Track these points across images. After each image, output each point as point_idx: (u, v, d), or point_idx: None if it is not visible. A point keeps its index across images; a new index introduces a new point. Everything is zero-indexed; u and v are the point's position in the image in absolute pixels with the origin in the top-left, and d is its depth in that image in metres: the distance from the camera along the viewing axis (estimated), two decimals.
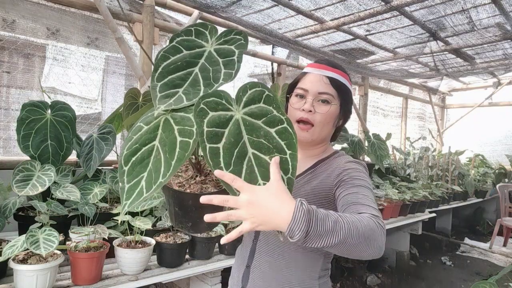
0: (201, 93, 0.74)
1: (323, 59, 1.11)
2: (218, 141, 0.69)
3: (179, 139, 0.70)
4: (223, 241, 0.72)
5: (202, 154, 0.70)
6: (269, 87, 1.75)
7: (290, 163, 0.71)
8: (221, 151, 0.68)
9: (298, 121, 1.03)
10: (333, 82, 1.04)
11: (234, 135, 0.70)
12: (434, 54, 3.68)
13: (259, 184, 0.68)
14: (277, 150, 0.71)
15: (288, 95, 1.11)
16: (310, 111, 1.01)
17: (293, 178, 0.71)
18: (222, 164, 0.68)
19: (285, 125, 0.72)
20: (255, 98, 0.73)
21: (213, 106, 0.71)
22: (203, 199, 0.69)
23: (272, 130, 0.72)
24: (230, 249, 2.01)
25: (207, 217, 0.69)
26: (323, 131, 1.05)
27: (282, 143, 0.71)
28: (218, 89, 0.75)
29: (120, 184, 0.71)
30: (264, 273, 1.04)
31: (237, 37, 0.82)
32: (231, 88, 4.59)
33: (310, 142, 1.05)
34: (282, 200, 0.68)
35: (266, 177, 0.69)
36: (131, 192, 0.69)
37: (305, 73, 1.08)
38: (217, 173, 0.68)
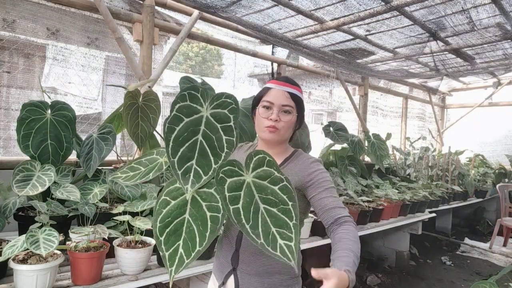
0: (213, 164, 0.89)
1: (283, 77, 1.39)
2: (238, 202, 0.87)
3: (208, 214, 0.87)
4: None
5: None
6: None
7: (293, 212, 0.89)
8: (241, 210, 0.86)
9: (267, 127, 1.28)
10: (292, 96, 1.30)
11: (248, 195, 0.88)
12: (434, 54, 3.68)
13: (273, 232, 0.88)
14: (282, 203, 0.89)
15: (255, 107, 1.36)
16: (276, 120, 1.26)
17: (297, 223, 0.89)
18: (244, 221, 0.85)
19: (285, 182, 0.91)
20: (260, 163, 0.92)
21: (229, 174, 0.89)
22: (314, 273, 0.92)
23: (276, 188, 0.90)
24: None
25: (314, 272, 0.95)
26: (286, 134, 1.32)
27: (285, 197, 0.90)
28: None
29: (161, 253, 0.86)
30: (253, 254, 1.24)
31: (228, 100, 0.94)
32: (230, 88, 4.59)
33: (277, 141, 1.32)
34: (342, 279, 0.96)
35: (276, 224, 0.87)
36: (172, 259, 0.85)
37: (269, 88, 1.33)
38: (313, 273, 0.92)
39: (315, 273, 0.94)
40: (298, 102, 1.33)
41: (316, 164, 1.30)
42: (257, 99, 1.36)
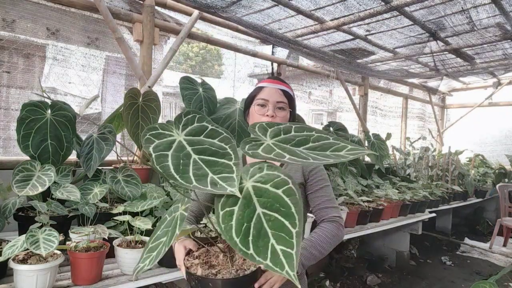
0: (230, 163, 0.82)
1: (274, 76, 1.51)
2: (284, 156, 0.80)
3: (279, 191, 0.79)
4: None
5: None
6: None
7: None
8: (293, 155, 0.79)
9: None
10: (285, 93, 1.38)
11: (284, 149, 0.83)
12: (434, 54, 3.68)
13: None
14: (308, 137, 0.86)
15: (248, 107, 1.41)
16: (273, 116, 1.33)
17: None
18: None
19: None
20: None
21: (255, 147, 0.84)
22: (256, 285, 1.00)
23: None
24: None
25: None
26: None
27: (318, 134, 0.87)
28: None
29: (262, 266, 0.73)
30: None
31: (189, 116, 0.89)
32: (230, 88, 4.59)
33: None
34: None
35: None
36: (278, 262, 0.70)
37: (261, 87, 1.39)
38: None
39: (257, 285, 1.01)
40: (290, 99, 1.40)
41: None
42: (250, 99, 1.42)
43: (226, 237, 0.72)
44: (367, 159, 4.59)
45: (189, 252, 1.06)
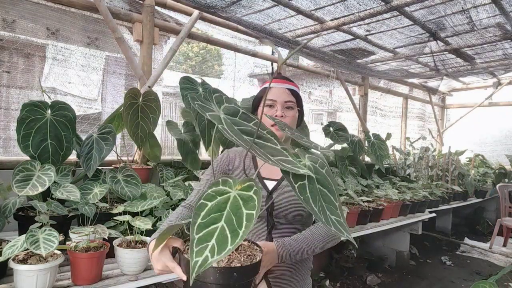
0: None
1: (279, 76, 1.41)
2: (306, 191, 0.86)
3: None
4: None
5: None
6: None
7: (336, 193, 0.92)
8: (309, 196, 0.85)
9: (273, 125, 1.29)
10: (293, 92, 1.35)
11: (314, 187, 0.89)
12: (434, 54, 3.68)
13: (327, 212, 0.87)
14: (329, 184, 0.91)
15: (256, 108, 1.38)
16: (282, 116, 1.30)
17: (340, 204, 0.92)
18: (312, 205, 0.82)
19: (326, 167, 0.95)
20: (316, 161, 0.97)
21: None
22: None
23: (323, 171, 0.93)
24: None
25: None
26: None
27: (329, 179, 0.93)
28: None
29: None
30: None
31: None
32: (231, 89, 4.59)
33: (284, 138, 1.36)
34: (270, 249, 1.11)
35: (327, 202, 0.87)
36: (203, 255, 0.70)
37: (269, 88, 1.32)
38: None
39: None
40: (298, 98, 1.37)
41: None
42: (257, 100, 1.39)
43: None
44: (367, 159, 4.59)
45: (176, 252, 0.96)
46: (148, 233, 1.77)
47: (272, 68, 3.87)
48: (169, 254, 0.95)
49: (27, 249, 1.37)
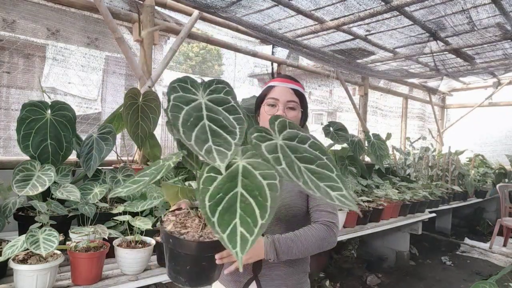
0: (231, 140, 0.84)
1: (284, 75, 1.39)
2: (280, 163, 0.82)
3: (264, 182, 0.79)
4: (226, 272, 1.08)
5: None
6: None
7: (330, 164, 0.86)
8: (287, 170, 0.81)
9: None
10: (296, 92, 1.32)
11: (286, 156, 0.84)
12: (434, 54, 3.68)
13: (322, 186, 0.82)
14: (317, 158, 0.86)
15: (259, 106, 1.35)
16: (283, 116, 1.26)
17: (339, 174, 0.85)
18: (295, 179, 0.79)
19: (311, 140, 0.89)
20: (282, 126, 0.91)
21: (260, 139, 0.86)
22: (217, 256, 0.96)
23: (306, 146, 0.88)
24: None
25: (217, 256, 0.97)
26: None
27: (317, 152, 0.88)
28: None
29: (217, 235, 0.75)
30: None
31: (220, 85, 0.93)
32: None
33: None
34: (258, 242, 1.12)
35: (322, 180, 0.83)
36: (233, 239, 0.73)
37: (272, 87, 1.33)
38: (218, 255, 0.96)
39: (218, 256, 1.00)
40: (302, 98, 1.34)
41: None
42: (260, 98, 1.36)
43: (199, 197, 0.76)
44: (367, 159, 4.59)
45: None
46: (148, 233, 1.77)
47: (272, 68, 3.87)
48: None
49: (27, 249, 1.37)
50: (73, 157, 2.13)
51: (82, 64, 2.96)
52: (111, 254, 1.68)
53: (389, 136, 4.28)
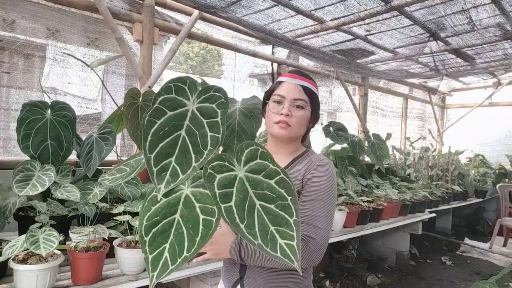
0: (193, 162, 0.81)
1: (296, 70, 1.27)
2: (230, 200, 0.78)
3: (201, 217, 0.79)
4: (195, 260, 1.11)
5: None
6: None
7: (293, 207, 0.80)
8: (234, 208, 0.77)
9: (277, 122, 1.18)
10: (306, 90, 1.20)
11: (242, 191, 0.79)
12: (434, 54, 3.68)
13: (271, 230, 0.78)
14: (279, 198, 0.80)
15: (266, 101, 1.26)
16: (288, 115, 1.17)
17: (299, 220, 0.79)
18: (238, 220, 0.76)
19: (281, 175, 0.82)
20: (252, 156, 0.83)
21: (218, 169, 0.80)
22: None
23: (272, 182, 0.81)
24: None
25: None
26: (298, 131, 1.22)
27: (283, 191, 0.81)
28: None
29: (144, 254, 0.78)
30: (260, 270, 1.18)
31: (217, 94, 0.87)
32: (230, 88, 4.58)
33: (288, 138, 1.21)
34: (226, 239, 1.13)
35: (275, 222, 0.78)
36: (156, 263, 0.76)
37: (280, 82, 1.23)
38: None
39: None
40: (313, 97, 1.22)
41: (320, 169, 1.17)
42: (268, 94, 1.27)
43: (140, 213, 0.79)
44: (367, 159, 4.59)
45: None
46: None
47: (272, 68, 3.87)
48: None
49: (27, 249, 1.37)
50: (73, 157, 2.13)
51: (82, 64, 2.96)
52: (111, 254, 1.68)
53: (389, 136, 4.28)
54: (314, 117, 1.26)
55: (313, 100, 1.22)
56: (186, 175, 0.80)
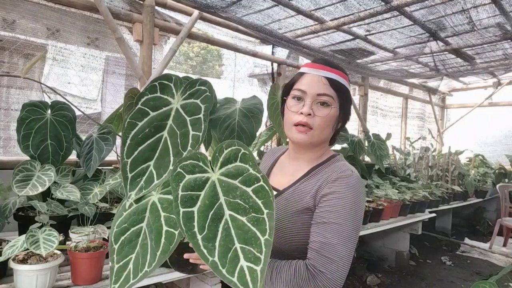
0: (170, 165, 0.74)
1: (320, 58, 1.05)
2: (193, 204, 0.66)
3: (165, 228, 0.70)
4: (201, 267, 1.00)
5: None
6: (270, 87, 1.71)
7: (267, 223, 0.65)
8: (195, 215, 0.66)
9: (296, 124, 0.98)
10: (332, 83, 0.98)
11: (209, 197, 0.68)
12: (434, 54, 3.68)
13: (235, 248, 0.64)
14: (253, 210, 0.66)
15: (284, 97, 1.06)
16: (309, 114, 0.96)
17: (271, 240, 0.64)
18: (195, 229, 0.65)
19: (261, 183, 0.68)
20: (231, 157, 0.71)
21: (190, 169, 0.70)
22: (186, 256, 0.95)
23: (249, 189, 0.68)
24: None
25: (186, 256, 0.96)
26: (322, 135, 1.00)
27: (259, 202, 0.67)
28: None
29: (110, 263, 0.72)
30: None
31: (202, 88, 0.81)
32: (230, 88, 4.58)
33: (308, 144, 1.00)
34: None
35: (243, 240, 0.64)
36: (119, 274, 0.71)
37: (302, 74, 1.02)
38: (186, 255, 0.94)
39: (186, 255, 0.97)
40: (341, 91, 1.00)
41: (338, 183, 0.95)
42: (287, 88, 1.06)
43: (114, 219, 0.73)
44: (367, 159, 4.59)
45: None
46: None
47: (272, 68, 3.87)
48: None
49: (27, 249, 1.37)
50: (73, 157, 2.13)
51: (82, 64, 2.96)
52: None
53: (389, 136, 4.28)
54: (343, 116, 1.04)
55: (342, 94, 1.00)
56: (161, 180, 0.74)
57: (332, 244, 0.88)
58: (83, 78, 3.01)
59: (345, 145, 3.54)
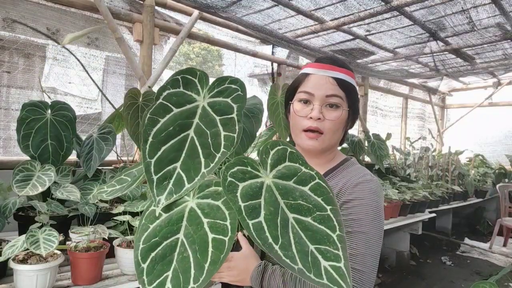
0: (202, 168, 0.68)
1: (326, 57, 0.98)
2: (258, 214, 0.62)
3: (211, 236, 0.63)
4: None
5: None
6: (270, 87, 1.70)
7: (334, 219, 0.63)
8: (264, 224, 0.62)
9: (306, 130, 0.93)
10: (340, 83, 0.93)
11: (271, 203, 0.63)
12: (434, 54, 3.68)
13: (311, 250, 0.61)
14: (317, 209, 0.64)
15: (290, 101, 1.00)
16: (319, 118, 0.91)
17: (343, 234, 0.62)
18: (270, 240, 0.61)
19: (317, 180, 0.66)
20: (280, 158, 0.67)
21: (240, 177, 0.65)
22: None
23: (306, 188, 0.65)
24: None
25: None
26: (333, 139, 0.96)
27: (319, 199, 0.65)
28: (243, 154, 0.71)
29: (141, 286, 0.63)
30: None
31: (233, 86, 0.73)
32: None
33: (320, 151, 0.96)
34: (247, 264, 0.88)
35: (315, 240, 0.62)
36: None
37: (306, 74, 0.96)
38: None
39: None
40: (350, 91, 0.95)
41: (359, 189, 0.91)
42: (291, 90, 1.00)
43: (136, 234, 0.64)
44: (367, 159, 4.59)
45: None
46: None
47: (272, 68, 3.87)
48: None
49: (27, 249, 1.37)
50: (73, 157, 2.14)
51: (82, 64, 2.97)
52: (111, 254, 1.68)
53: (389, 136, 4.28)
54: (353, 116, 0.99)
55: (350, 94, 0.95)
56: (193, 184, 0.66)
57: (360, 254, 0.84)
58: (83, 78, 3.01)
59: (345, 145, 3.55)
